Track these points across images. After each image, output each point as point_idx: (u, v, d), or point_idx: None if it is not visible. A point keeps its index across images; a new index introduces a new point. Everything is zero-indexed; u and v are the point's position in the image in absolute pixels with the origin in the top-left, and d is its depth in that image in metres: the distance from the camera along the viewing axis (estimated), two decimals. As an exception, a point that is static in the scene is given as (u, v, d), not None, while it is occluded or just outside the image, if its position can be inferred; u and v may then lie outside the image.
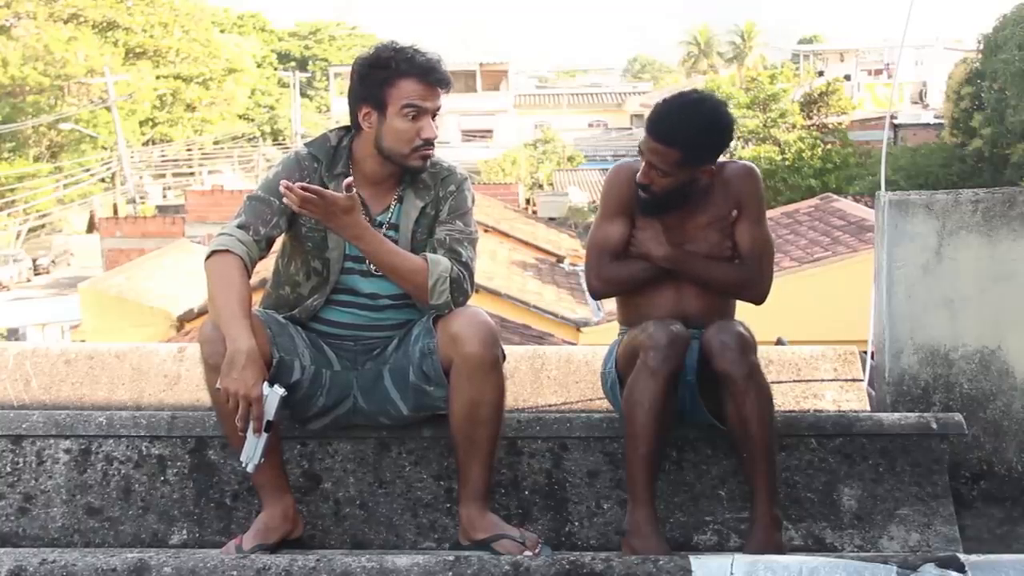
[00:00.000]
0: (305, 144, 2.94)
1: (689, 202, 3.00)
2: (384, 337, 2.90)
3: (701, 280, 3.00)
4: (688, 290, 3.01)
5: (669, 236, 3.00)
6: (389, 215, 2.89)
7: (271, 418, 2.58)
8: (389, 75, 2.78)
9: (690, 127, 2.89)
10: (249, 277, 2.73)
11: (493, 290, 12.05)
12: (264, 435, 2.58)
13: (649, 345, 2.75)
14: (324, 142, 2.91)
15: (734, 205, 3.01)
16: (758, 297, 3.05)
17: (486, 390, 2.72)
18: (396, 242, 2.84)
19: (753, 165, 3.11)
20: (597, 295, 3.17)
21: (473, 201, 2.96)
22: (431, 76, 2.79)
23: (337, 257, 2.86)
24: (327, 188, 2.79)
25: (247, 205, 2.82)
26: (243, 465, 2.62)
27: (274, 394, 2.59)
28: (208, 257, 2.73)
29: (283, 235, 2.90)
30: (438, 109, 2.83)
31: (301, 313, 2.89)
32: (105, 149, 40.03)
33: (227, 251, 2.72)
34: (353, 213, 2.70)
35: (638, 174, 2.98)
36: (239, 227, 2.77)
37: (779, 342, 5.30)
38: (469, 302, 2.86)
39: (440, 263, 2.79)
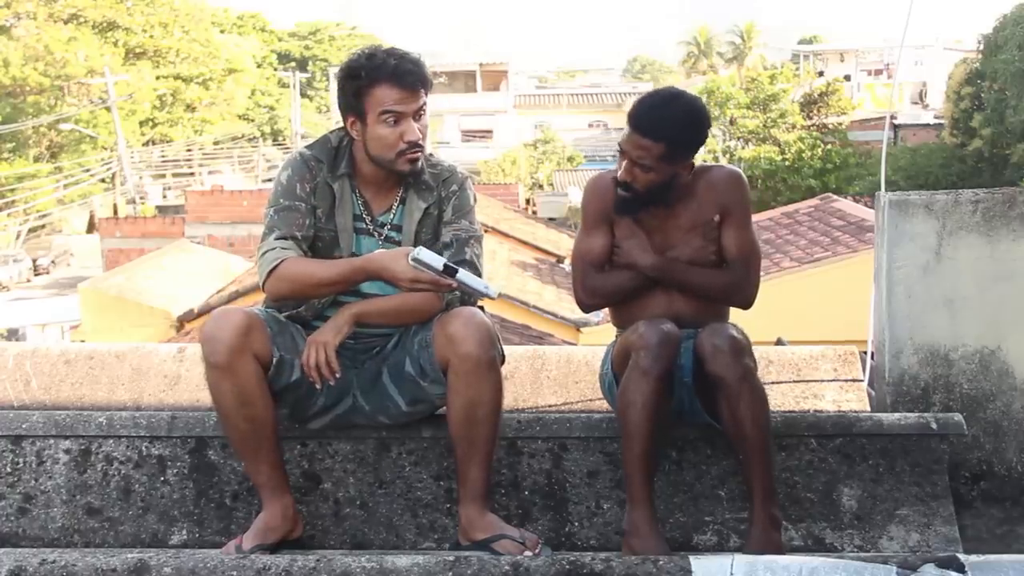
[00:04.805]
0: (307, 146, 2.94)
1: (669, 203, 2.99)
2: (384, 335, 2.91)
3: (688, 287, 2.99)
4: (678, 292, 3.00)
5: (651, 242, 2.99)
6: (392, 216, 2.91)
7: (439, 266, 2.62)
8: (363, 84, 2.78)
9: (675, 120, 2.90)
10: None
11: (493, 290, 12.03)
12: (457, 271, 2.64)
13: (640, 345, 2.75)
14: (325, 143, 2.92)
15: (718, 210, 2.99)
16: (745, 302, 3.04)
17: (483, 390, 2.72)
18: (399, 243, 2.86)
19: (738, 170, 3.12)
20: (586, 308, 3.15)
21: (475, 200, 2.98)
22: (405, 79, 2.76)
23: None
24: (331, 188, 2.85)
25: (277, 218, 2.81)
26: (487, 293, 2.69)
27: (425, 252, 2.63)
28: (266, 278, 2.74)
29: None
30: (420, 109, 2.80)
31: (307, 311, 2.89)
32: (105, 149, 40.02)
33: (283, 261, 2.74)
34: (332, 319, 2.79)
35: (619, 172, 2.97)
36: (278, 239, 2.78)
37: (779, 342, 5.30)
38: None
39: None
